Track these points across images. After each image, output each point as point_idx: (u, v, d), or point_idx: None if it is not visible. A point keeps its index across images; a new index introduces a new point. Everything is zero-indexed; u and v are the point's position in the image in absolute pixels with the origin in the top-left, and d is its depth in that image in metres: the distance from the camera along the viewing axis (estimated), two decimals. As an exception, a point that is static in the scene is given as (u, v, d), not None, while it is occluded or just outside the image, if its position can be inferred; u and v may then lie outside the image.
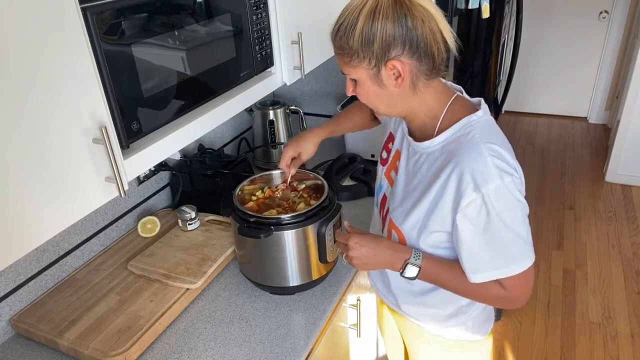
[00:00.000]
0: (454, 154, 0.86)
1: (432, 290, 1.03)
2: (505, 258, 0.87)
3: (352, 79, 0.91)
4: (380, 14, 0.81)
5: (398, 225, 0.98)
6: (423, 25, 0.81)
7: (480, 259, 0.88)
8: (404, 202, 0.97)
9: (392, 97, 0.89)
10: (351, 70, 0.88)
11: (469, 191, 0.83)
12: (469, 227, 0.86)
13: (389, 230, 1.02)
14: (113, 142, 0.83)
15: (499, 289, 0.91)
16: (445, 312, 1.05)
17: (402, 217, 0.97)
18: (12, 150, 0.69)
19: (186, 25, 0.99)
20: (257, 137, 1.82)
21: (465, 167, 0.83)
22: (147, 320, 1.10)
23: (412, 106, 0.92)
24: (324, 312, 1.17)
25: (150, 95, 0.93)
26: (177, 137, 1.02)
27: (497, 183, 0.82)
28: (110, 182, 0.85)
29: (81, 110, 0.78)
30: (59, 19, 0.72)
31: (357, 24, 0.82)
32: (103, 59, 0.81)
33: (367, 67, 0.85)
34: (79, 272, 1.27)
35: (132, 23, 0.87)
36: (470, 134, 0.87)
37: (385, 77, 0.86)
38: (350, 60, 0.87)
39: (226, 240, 1.35)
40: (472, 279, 0.91)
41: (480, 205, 0.83)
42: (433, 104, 0.92)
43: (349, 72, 0.89)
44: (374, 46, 0.82)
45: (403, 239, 0.98)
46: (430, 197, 0.90)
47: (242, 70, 1.20)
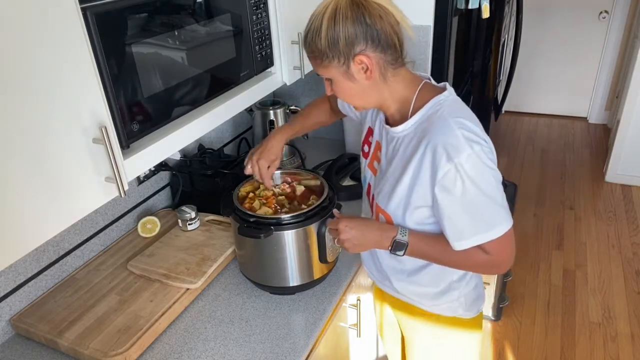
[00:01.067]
0: (426, 131, 0.92)
1: (423, 267, 1.08)
2: (483, 223, 0.93)
3: (327, 79, 0.97)
4: (341, 15, 0.88)
5: (383, 207, 1.03)
6: (381, 21, 0.89)
7: (461, 227, 0.93)
8: (386, 185, 1.02)
9: (365, 89, 0.95)
10: (324, 70, 0.95)
11: (443, 163, 0.88)
12: (446, 197, 0.91)
13: (376, 215, 1.07)
14: (113, 142, 0.83)
15: (483, 255, 0.96)
16: (437, 288, 1.10)
17: (386, 199, 1.02)
18: (12, 150, 0.69)
19: (186, 25, 0.99)
20: (257, 137, 1.82)
21: (437, 141, 0.89)
22: (147, 320, 1.10)
23: (385, 96, 0.98)
24: (324, 312, 1.17)
25: (150, 95, 0.93)
26: (177, 137, 1.03)
27: (468, 152, 0.87)
28: (110, 182, 0.85)
29: (81, 110, 0.78)
30: (59, 19, 0.72)
31: (321, 27, 0.90)
32: (103, 59, 0.81)
33: (337, 65, 0.92)
34: (79, 272, 1.27)
35: (132, 23, 0.87)
36: (439, 111, 0.93)
37: (356, 72, 0.92)
38: (321, 62, 0.94)
39: (226, 240, 1.35)
40: (456, 247, 0.95)
41: (455, 174, 0.88)
42: (403, 91, 0.98)
43: (322, 73, 0.96)
44: (340, 45, 0.90)
45: (390, 219, 1.03)
46: (409, 174, 0.95)
47: (242, 70, 1.20)
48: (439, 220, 0.96)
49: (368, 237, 1.03)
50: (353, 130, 1.81)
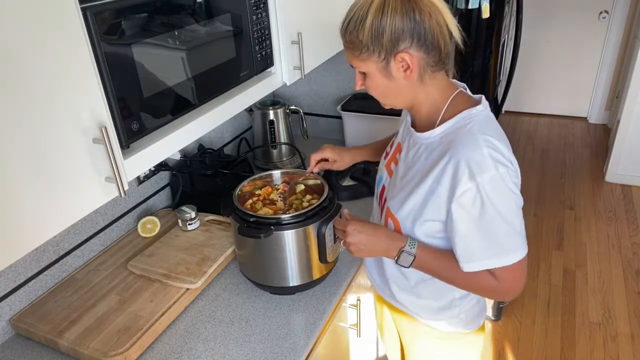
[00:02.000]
0: (452, 144, 0.88)
1: (426, 280, 1.04)
2: (498, 248, 0.89)
3: (361, 72, 0.93)
4: (390, 8, 0.84)
5: (394, 213, 1.00)
6: (430, 19, 0.84)
7: (474, 248, 0.89)
8: (401, 191, 0.99)
9: (400, 88, 0.92)
10: (361, 63, 0.91)
11: (464, 180, 0.85)
12: (463, 215, 0.87)
13: (385, 219, 1.04)
14: (113, 142, 0.83)
15: (491, 280, 0.92)
16: (439, 303, 1.07)
17: (398, 205, 0.99)
18: (12, 150, 0.69)
19: (186, 25, 0.99)
20: (257, 137, 1.83)
21: (461, 157, 0.86)
22: (147, 320, 1.10)
23: (419, 98, 0.94)
24: (324, 312, 1.17)
25: (151, 95, 0.93)
26: (177, 137, 1.02)
27: (492, 173, 0.84)
28: (110, 182, 0.85)
29: (81, 110, 0.78)
30: (58, 19, 0.72)
31: (366, 18, 0.86)
32: (103, 59, 0.81)
33: (376, 60, 0.88)
34: (79, 272, 1.27)
35: (132, 23, 0.87)
36: (468, 125, 0.89)
37: (395, 70, 0.89)
38: (359, 54, 0.89)
39: (226, 240, 1.35)
40: (465, 268, 0.92)
41: (475, 194, 0.85)
42: (437, 96, 0.94)
43: (358, 66, 0.92)
44: (384, 39, 0.86)
45: (398, 227, 1.00)
46: (426, 185, 0.92)
47: (242, 70, 1.20)
48: (451, 237, 0.92)
49: (376, 244, 0.99)
50: (353, 131, 1.81)
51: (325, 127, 2.03)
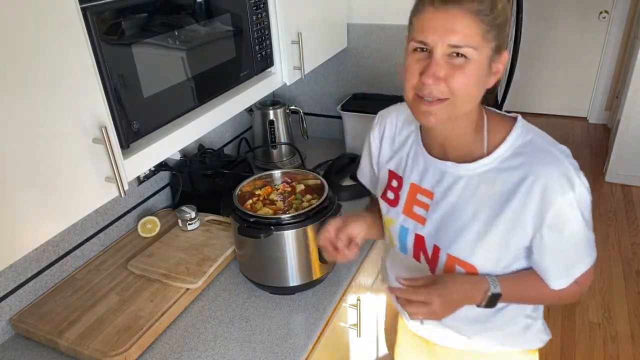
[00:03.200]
0: (528, 166, 0.80)
1: (498, 310, 0.94)
2: (583, 255, 0.86)
3: (460, 54, 0.73)
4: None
5: (465, 258, 0.88)
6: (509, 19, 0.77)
7: (566, 264, 0.85)
8: (464, 233, 0.86)
9: (480, 93, 0.79)
10: (480, 43, 0.73)
11: (558, 199, 0.78)
12: (556, 235, 0.82)
13: (447, 267, 0.90)
14: (113, 142, 0.83)
15: (574, 286, 0.89)
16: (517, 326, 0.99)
17: (469, 248, 0.87)
18: (11, 150, 0.69)
19: (186, 25, 0.99)
20: (257, 137, 1.82)
21: (548, 176, 0.78)
22: (147, 320, 1.10)
23: (472, 111, 0.82)
24: (324, 312, 1.17)
25: (151, 95, 0.93)
26: (177, 137, 1.02)
27: (578, 182, 0.79)
28: (110, 182, 0.85)
29: (81, 110, 0.78)
30: (58, 19, 0.72)
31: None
32: (103, 59, 0.81)
33: (492, 48, 0.75)
34: (79, 272, 1.27)
35: (132, 23, 0.87)
36: (533, 142, 0.82)
37: (495, 67, 0.78)
38: (488, 31, 0.73)
39: (226, 240, 1.35)
40: (555, 286, 0.87)
41: (569, 210, 0.80)
42: (477, 111, 0.84)
43: (476, 43, 0.72)
44: (506, 28, 0.75)
45: (474, 270, 0.88)
46: (506, 217, 0.82)
47: (242, 70, 1.20)
48: (536, 257, 0.85)
49: (456, 298, 0.85)
50: (353, 130, 1.81)
51: (325, 127, 2.03)
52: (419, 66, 0.76)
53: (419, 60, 0.76)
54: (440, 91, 0.75)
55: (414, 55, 0.77)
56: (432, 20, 0.73)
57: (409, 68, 0.78)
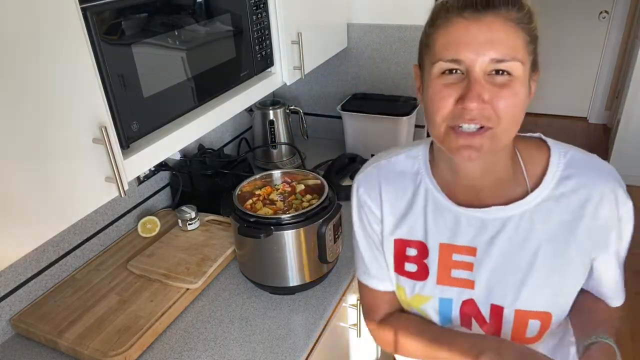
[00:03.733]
0: (586, 186, 0.73)
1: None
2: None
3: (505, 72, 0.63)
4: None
5: (538, 308, 0.75)
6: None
7: (621, 276, 0.81)
8: (529, 280, 0.74)
9: (523, 116, 0.68)
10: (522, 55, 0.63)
11: (621, 210, 0.74)
12: (618, 246, 0.76)
13: (518, 324, 0.76)
14: (113, 142, 0.83)
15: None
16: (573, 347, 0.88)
17: (540, 296, 0.75)
18: (11, 150, 0.69)
19: (186, 25, 0.99)
20: (257, 137, 1.82)
21: (610, 190, 0.73)
22: (147, 320, 1.10)
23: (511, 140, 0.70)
24: (324, 312, 1.17)
25: (150, 95, 0.93)
26: (177, 137, 1.02)
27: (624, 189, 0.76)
28: (110, 182, 0.85)
29: (81, 110, 0.78)
30: (58, 19, 0.72)
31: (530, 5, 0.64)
32: (103, 59, 0.81)
33: (529, 61, 0.66)
34: (79, 272, 1.27)
35: (132, 23, 0.87)
36: (575, 159, 0.75)
37: (532, 84, 0.69)
38: (529, 42, 0.64)
39: (226, 240, 1.35)
40: (617, 303, 0.82)
41: (627, 220, 0.76)
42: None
43: (516, 56, 0.62)
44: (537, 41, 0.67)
45: (549, 319, 0.76)
46: (576, 246, 0.73)
47: (242, 70, 1.20)
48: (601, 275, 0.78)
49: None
50: (353, 130, 1.81)
51: (325, 127, 2.03)
52: (452, 91, 0.64)
53: (451, 84, 0.64)
54: (486, 117, 0.63)
55: (441, 80, 0.65)
56: (464, 33, 0.62)
57: (438, 95, 0.65)
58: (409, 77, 1.81)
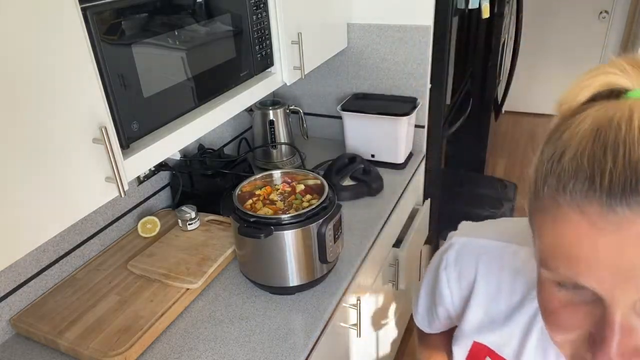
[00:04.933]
0: None
1: None
2: None
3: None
4: None
5: None
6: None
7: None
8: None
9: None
10: None
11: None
12: None
13: None
14: (113, 142, 0.83)
15: None
16: None
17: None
18: (11, 150, 0.69)
19: (186, 25, 0.99)
20: (257, 137, 1.82)
21: None
22: (147, 320, 1.10)
23: None
24: (324, 312, 1.17)
25: (151, 95, 0.93)
26: (177, 137, 1.02)
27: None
28: (110, 182, 0.85)
29: (81, 110, 0.78)
30: (58, 19, 0.72)
31: None
32: (103, 59, 0.81)
33: None
34: (79, 272, 1.27)
35: (132, 23, 0.87)
36: None
37: None
38: None
39: (226, 240, 1.35)
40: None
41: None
42: None
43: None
44: None
45: None
46: None
47: (242, 70, 1.20)
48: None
49: None
50: (353, 130, 1.81)
51: (325, 127, 2.03)
52: (579, 319, 0.40)
53: (577, 305, 0.40)
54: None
55: (558, 294, 0.41)
56: (586, 245, 0.36)
57: (557, 316, 0.42)
58: (409, 77, 1.81)
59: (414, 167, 1.82)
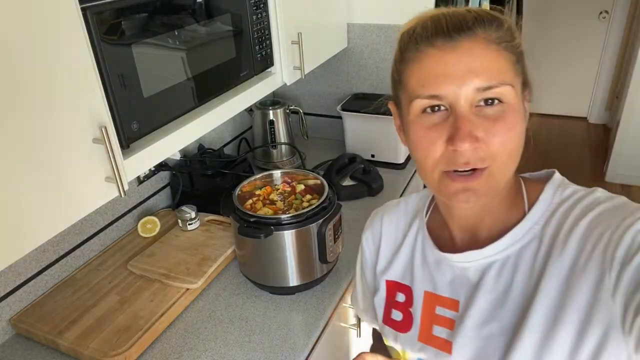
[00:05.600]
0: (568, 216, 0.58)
1: None
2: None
3: (491, 102, 0.55)
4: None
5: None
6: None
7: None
8: (518, 345, 0.57)
9: (521, 146, 0.59)
10: (511, 77, 0.56)
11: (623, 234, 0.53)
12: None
13: None
14: (113, 142, 0.83)
15: None
16: None
17: (538, 350, 0.56)
18: (11, 150, 0.69)
19: (186, 25, 0.99)
20: (257, 137, 1.82)
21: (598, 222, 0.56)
22: (147, 320, 1.10)
23: (510, 177, 0.60)
24: (324, 312, 1.17)
25: (151, 95, 0.93)
26: (177, 137, 1.02)
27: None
28: (110, 182, 0.85)
29: (81, 110, 0.78)
30: (58, 19, 0.72)
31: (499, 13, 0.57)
32: (103, 59, 0.81)
33: (519, 82, 0.58)
34: (79, 272, 1.27)
35: (132, 23, 0.87)
36: (575, 194, 0.60)
37: (526, 104, 0.61)
38: (515, 63, 0.57)
39: (226, 240, 1.35)
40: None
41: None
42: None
43: (505, 79, 0.55)
44: (524, 57, 0.59)
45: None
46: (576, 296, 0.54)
47: (242, 70, 1.20)
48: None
49: None
50: (353, 130, 1.81)
51: (325, 127, 2.03)
52: (438, 133, 0.55)
53: (436, 124, 0.55)
54: (480, 157, 0.54)
55: (424, 120, 0.56)
56: (439, 65, 0.54)
57: (424, 140, 0.56)
58: (409, 77, 1.81)
59: (414, 167, 1.82)
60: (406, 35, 0.59)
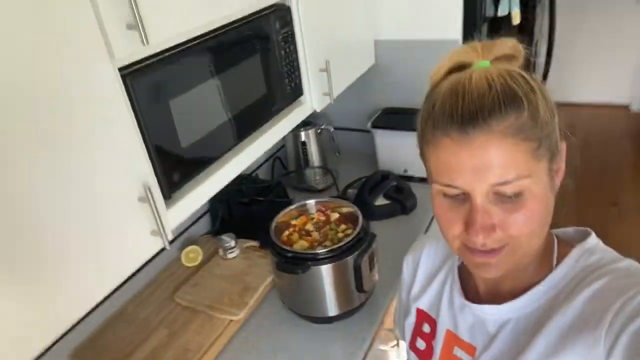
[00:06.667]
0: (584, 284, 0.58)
1: None
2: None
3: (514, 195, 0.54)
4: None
5: None
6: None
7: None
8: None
9: (548, 219, 0.58)
10: (530, 168, 0.53)
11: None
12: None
13: None
14: (157, 200, 0.87)
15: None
16: None
17: None
18: (63, 216, 0.73)
19: (219, 73, 1.02)
20: (289, 158, 1.86)
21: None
22: (195, 354, 1.15)
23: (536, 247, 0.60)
24: (364, 340, 1.19)
25: (189, 144, 0.97)
26: (216, 179, 1.06)
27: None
28: (155, 236, 0.89)
29: (126, 172, 0.82)
30: (102, 89, 0.76)
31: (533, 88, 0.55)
32: (143, 120, 0.85)
33: (547, 159, 0.56)
34: (129, 305, 1.33)
35: (168, 80, 0.90)
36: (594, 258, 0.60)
37: (556, 167, 0.59)
38: (535, 150, 0.54)
39: (265, 268, 1.39)
40: None
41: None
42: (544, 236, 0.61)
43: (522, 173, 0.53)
44: (555, 120, 0.57)
45: None
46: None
47: (274, 105, 1.23)
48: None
49: None
50: (385, 147, 1.82)
51: (357, 141, 2.04)
52: (457, 216, 0.57)
53: (454, 207, 0.57)
54: (497, 241, 0.55)
55: (442, 200, 0.58)
56: (453, 158, 0.54)
57: (444, 217, 0.59)
58: (439, 90, 1.79)
59: (447, 181, 1.80)
60: (425, 113, 0.59)
